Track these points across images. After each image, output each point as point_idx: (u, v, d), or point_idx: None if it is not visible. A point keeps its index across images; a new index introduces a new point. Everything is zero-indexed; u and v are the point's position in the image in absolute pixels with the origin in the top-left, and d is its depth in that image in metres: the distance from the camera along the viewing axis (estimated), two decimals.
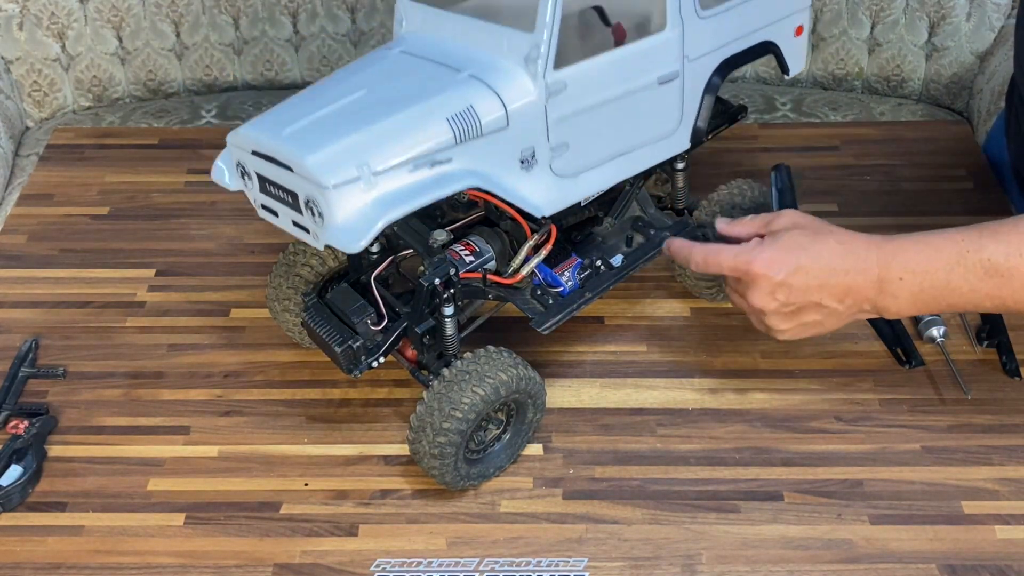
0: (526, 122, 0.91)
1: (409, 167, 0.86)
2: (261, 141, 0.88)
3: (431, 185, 0.87)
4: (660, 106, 1.01)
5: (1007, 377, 1.08)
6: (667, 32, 0.97)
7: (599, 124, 0.96)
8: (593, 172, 0.98)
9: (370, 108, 0.89)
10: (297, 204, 0.87)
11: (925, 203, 1.30)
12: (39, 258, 1.23)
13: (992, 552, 0.92)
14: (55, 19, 1.57)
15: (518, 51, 0.90)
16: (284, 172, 0.87)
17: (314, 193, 0.85)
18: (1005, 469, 0.99)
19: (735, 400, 1.06)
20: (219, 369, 1.10)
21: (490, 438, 0.98)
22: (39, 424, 1.02)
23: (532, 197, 0.94)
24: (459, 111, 0.88)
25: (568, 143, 0.94)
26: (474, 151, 0.89)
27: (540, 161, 0.93)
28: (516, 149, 0.92)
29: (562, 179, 0.96)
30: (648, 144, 1.02)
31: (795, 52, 1.12)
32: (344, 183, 0.83)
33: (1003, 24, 1.55)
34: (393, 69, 0.94)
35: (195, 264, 1.22)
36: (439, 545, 0.94)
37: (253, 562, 0.92)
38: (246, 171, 0.92)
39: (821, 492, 0.97)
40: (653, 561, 0.92)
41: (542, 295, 0.99)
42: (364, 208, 0.84)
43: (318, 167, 0.83)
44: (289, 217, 0.90)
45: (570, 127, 0.94)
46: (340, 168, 0.83)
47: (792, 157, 1.35)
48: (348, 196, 0.84)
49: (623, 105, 0.97)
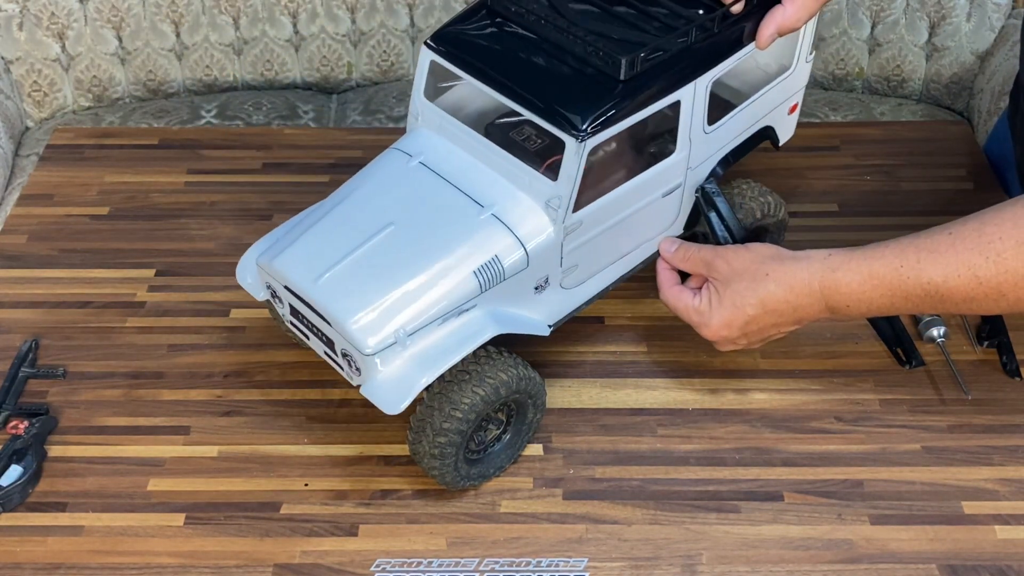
0: (543, 258, 0.94)
1: (439, 321, 0.90)
2: (295, 283, 0.91)
3: (459, 341, 0.90)
4: (662, 213, 1.03)
5: (1007, 377, 1.08)
6: (676, 155, 0.99)
7: (607, 240, 0.99)
8: (595, 278, 1.01)
9: (400, 254, 0.91)
10: (332, 348, 0.92)
11: (925, 203, 1.30)
12: (39, 258, 1.23)
13: (992, 552, 0.92)
14: (55, 19, 1.57)
15: (540, 194, 0.92)
16: (320, 320, 0.91)
17: (352, 352, 0.89)
18: (1005, 469, 0.99)
19: (735, 400, 1.06)
20: (219, 369, 1.10)
21: (490, 438, 0.98)
22: (39, 424, 1.02)
23: (540, 317, 0.98)
24: (485, 262, 0.91)
25: (578, 263, 0.97)
26: (496, 293, 0.92)
27: (552, 284, 0.96)
28: (532, 280, 0.95)
29: (566, 291, 0.99)
30: (647, 242, 1.04)
31: (786, 126, 1.15)
32: (383, 347, 0.87)
33: (1003, 24, 1.55)
34: (416, 191, 0.96)
35: (195, 264, 1.22)
36: (439, 545, 0.94)
37: (253, 562, 0.92)
38: (276, 294, 0.95)
39: (821, 492, 0.97)
40: (653, 561, 0.92)
41: None
42: (402, 372, 0.89)
43: (359, 332, 0.87)
44: (321, 348, 0.94)
45: (581, 251, 0.96)
46: (379, 333, 0.87)
47: (792, 157, 1.35)
48: (386, 359, 0.88)
49: (629, 221, 0.99)
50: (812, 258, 0.93)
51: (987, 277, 0.86)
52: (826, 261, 0.92)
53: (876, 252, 0.91)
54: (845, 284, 0.91)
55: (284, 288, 0.93)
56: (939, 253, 0.88)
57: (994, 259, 0.85)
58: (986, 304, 0.88)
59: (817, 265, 0.92)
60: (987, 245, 0.85)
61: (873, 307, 0.92)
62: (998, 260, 0.85)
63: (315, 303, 0.90)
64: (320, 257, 0.91)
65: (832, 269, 0.92)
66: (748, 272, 0.95)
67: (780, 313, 0.94)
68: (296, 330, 0.97)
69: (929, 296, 0.88)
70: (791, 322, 0.96)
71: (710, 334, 0.98)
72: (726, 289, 0.95)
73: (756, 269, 0.94)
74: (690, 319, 0.99)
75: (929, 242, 0.89)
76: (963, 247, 0.87)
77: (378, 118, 1.60)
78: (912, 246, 0.89)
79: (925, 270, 0.88)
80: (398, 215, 0.93)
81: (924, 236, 0.90)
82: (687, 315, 0.99)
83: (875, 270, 0.90)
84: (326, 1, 1.60)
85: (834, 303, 0.92)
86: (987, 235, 0.86)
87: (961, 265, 0.86)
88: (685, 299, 0.99)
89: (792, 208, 1.18)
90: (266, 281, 0.97)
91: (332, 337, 0.91)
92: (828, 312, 0.93)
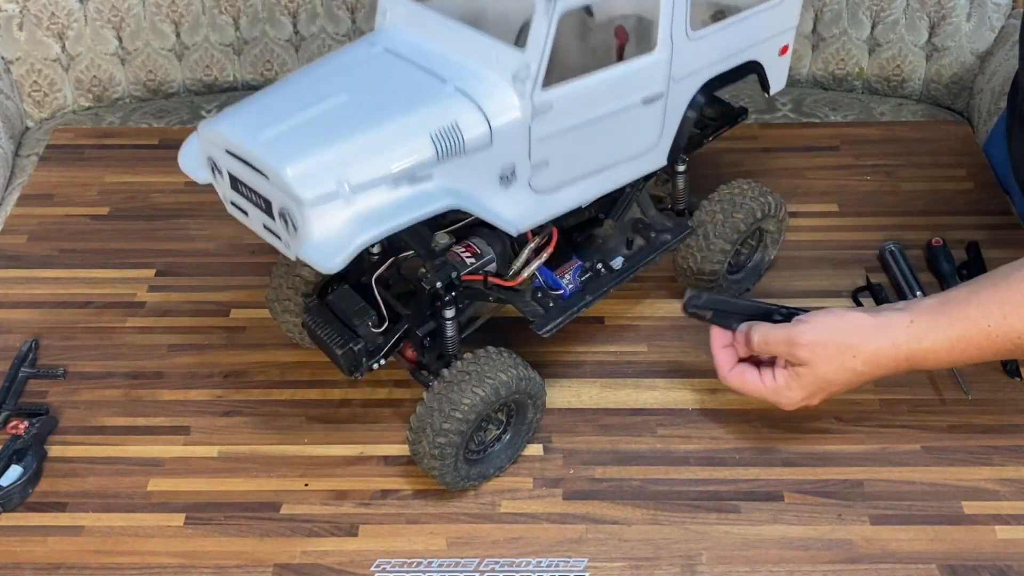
0: (509, 140, 0.89)
1: (389, 183, 0.84)
2: (236, 142, 0.85)
3: (409, 204, 0.84)
4: (642, 125, 0.99)
5: (1007, 377, 1.08)
6: (657, 54, 0.95)
7: (581, 142, 0.94)
8: (570, 188, 0.97)
9: (352, 116, 0.86)
10: (270, 211, 0.85)
11: (925, 203, 1.30)
12: (39, 258, 1.23)
13: (992, 552, 0.92)
14: (55, 19, 1.56)
15: (507, 67, 0.88)
16: (258, 177, 0.84)
17: (289, 205, 0.82)
18: (1005, 469, 0.99)
19: (735, 400, 1.06)
20: (219, 369, 1.10)
21: (490, 438, 0.98)
22: (39, 424, 1.02)
23: (507, 213, 0.92)
24: (443, 127, 0.86)
25: (549, 160, 0.93)
26: (455, 168, 0.87)
27: (519, 178, 0.92)
28: (497, 166, 0.90)
29: (538, 195, 0.94)
30: (626, 161, 1.01)
31: (777, 71, 1.11)
32: (322, 199, 0.81)
33: (1003, 24, 1.55)
34: (376, 71, 0.92)
35: (195, 264, 1.22)
36: (439, 545, 0.94)
37: (253, 562, 0.92)
38: (217, 167, 0.89)
39: (821, 492, 0.97)
40: (653, 561, 0.92)
41: (543, 297, 0.99)
42: (340, 227, 0.82)
43: (296, 180, 0.80)
44: (260, 220, 0.88)
45: (552, 145, 0.92)
46: (318, 183, 0.81)
47: (792, 157, 1.36)
48: (325, 213, 0.81)
49: (606, 124, 0.95)
50: (894, 327, 0.91)
51: None
52: (909, 330, 0.90)
53: (959, 312, 0.89)
54: (933, 353, 0.90)
55: (225, 154, 0.86)
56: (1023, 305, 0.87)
57: None
58: None
59: (902, 336, 0.90)
60: None
61: (959, 363, 0.92)
62: None
63: (254, 159, 0.83)
64: (264, 118, 0.86)
65: (918, 340, 0.90)
66: (833, 358, 0.92)
67: (864, 383, 0.94)
68: (237, 209, 0.90)
69: (1019, 348, 0.88)
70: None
71: (789, 407, 0.96)
72: (810, 371, 0.93)
73: (843, 353, 0.91)
74: (764, 399, 0.96)
75: (1011, 294, 0.88)
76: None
77: None
78: (995, 300, 0.88)
79: (1014, 325, 0.87)
80: (355, 88, 0.89)
81: (1003, 286, 0.88)
82: (760, 396, 0.96)
83: (962, 333, 0.89)
84: (326, 1, 1.60)
85: (918, 367, 0.92)
86: None
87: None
88: (752, 380, 0.96)
89: (792, 208, 1.18)
90: (208, 154, 0.89)
91: (270, 197, 0.84)
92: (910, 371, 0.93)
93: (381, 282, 1.00)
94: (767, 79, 1.09)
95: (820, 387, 0.94)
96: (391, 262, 1.01)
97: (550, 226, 1.00)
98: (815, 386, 0.94)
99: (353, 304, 0.98)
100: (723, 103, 1.16)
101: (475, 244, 1.00)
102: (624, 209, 1.07)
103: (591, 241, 1.06)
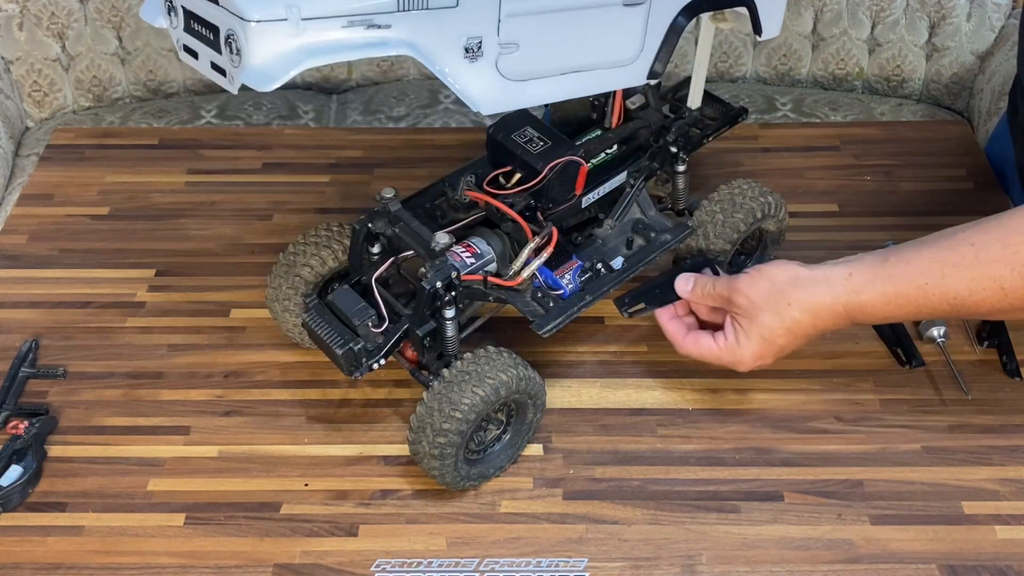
0: (477, 6, 0.86)
1: (343, 22, 0.81)
2: None
3: (361, 45, 0.82)
4: (621, 30, 0.97)
5: (1007, 377, 1.08)
6: None
7: (555, 31, 0.92)
8: (542, 82, 0.95)
9: None
10: (217, 42, 0.83)
11: (925, 203, 1.30)
12: (39, 258, 1.23)
13: (992, 552, 0.92)
14: (55, 19, 1.57)
15: None
16: (209, 5, 0.82)
17: (235, 27, 0.80)
18: (1005, 469, 0.99)
19: (735, 400, 1.06)
20: (219, 369, 1.10)
21: (490, 438, 0.98)
22: (39, 424, 1.02)
23: (472, 90, 0.90)
24: None
25: (519, 43, 0.91)
26: (416, 23, 0.84)
27: (487, 55, 0.89)
28: (462, 34, 0.87)
29: (508, 81, 0.92)
30: (603, 68, 0.98)
31: (771, 13, 1.06)
32: (268, 20, 0.79)
33: (1003, 24, 1.55)
34: None
35: (195, 264, 1.22)
36: (439, 545, 0.94)
37: (253, 562, 0.92)
38: (173, 6, 0.87)
39: (821, 492, 0.97)
40: (653, 561, 0.92)
41: (543, 297, 0.99)
42: (285, 51, 0.80)
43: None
44: (208, 58, 0.86)
45: (523, 26, 0.90)
46: (266, 5, 0.79)
47: (792, 157, 1.36)
48: (270, 35, 0.79)
49: (582, 18, 0.93)
50: (832, 280, 0.91)
51: (1012, 288, 0.85)
52: (848, 283, 0.91)
53: (898, 270, 0.89)
54: (871, 306, 0.90)
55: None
56: (963, 267, 0.86)
57: (1020, 270, 0.84)
58: (1012, 313, 0.87)
59: (839, 288, 0.91)
60: (1012, 256, 0.84)
61: (897, 320, 0.92)
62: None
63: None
64: None
65: (856, 292, 0.90)
66: (769, 304, 0.93)
67: (808, 336, 0.94)
68: (188, 54, 0.89)
69: (955, 309, 0.88)
70: (817, 339, 0.95)
71: (745, 368, 0.96)
72: (751, 323, 0.94)
73: (777, 300, 0.93)
74: (721, 362, 0.97)
75: (952, 255, 0.87)
76: (987, 259, 0.86)
77: (378, 118, 1.60)
78: (935, 261, 0.88)
79: (951, 286, 0.87)
80: None
81: (946, 248, 0.88)
82: (716, 359, 0.97)
83: (900, 290, 0.89)
84: None
85: (859, 320, 0.92)
86: (1012, 246, 0.85)
87: (986, 278, 0.86)
88: (706, 344, 0.97)
89: (792, 208, 1.18)
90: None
91: (218, 24, 0.82)
92: (851, 324, 0.93)
93: (381, 282, 1.00)
94: (759, 19, 1.05)
95: (765, 338, 0.93)
96: (391, 262, 1.01)
97: (550, 226, 1.00)
98: (760, 337, 0.94)
99: (353, 304, 0.98)
100: (723, 103, 1.16)
101: (475, 244, 1.00)
102: (624, 209, 1.07)
103: (591, 241, 1.06)
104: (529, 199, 1.00)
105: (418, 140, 1.44)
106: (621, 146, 1.07)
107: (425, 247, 0.95)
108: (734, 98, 1.33)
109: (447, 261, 0.95)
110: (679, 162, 1.10)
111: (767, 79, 1.65)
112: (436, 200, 1.05)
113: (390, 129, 1.54)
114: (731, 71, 1.64)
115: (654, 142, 1.09)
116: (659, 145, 1.08)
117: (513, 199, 1.00)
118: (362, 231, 1.00)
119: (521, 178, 1.00)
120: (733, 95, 1.55)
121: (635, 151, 1.09)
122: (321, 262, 1.04)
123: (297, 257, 1.05)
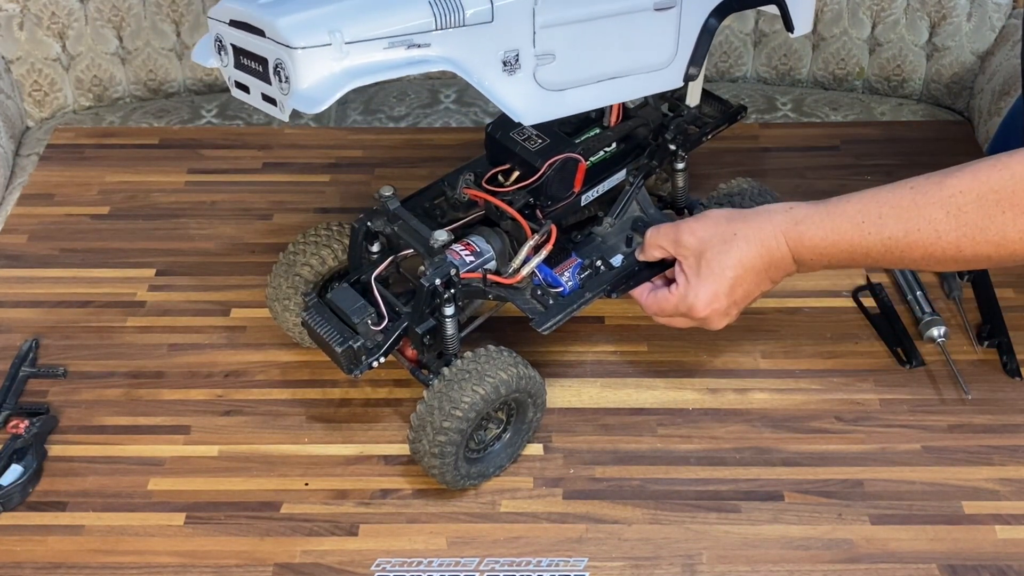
0: (512, 20, 0.88)
1: (384, 44, 0.84)
2: (238, 9, 0.87)
3: (403, 64, 0.85)
4: (654, 34, 0.98)
5: (1007, 377, 1.08)
6: None
7: (589, 40, 0.94)
8: (580, 90, 0.96)
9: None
10: (267, 73, 0.86)
11: None
12: (39, 258, 1.23)
13: (992, 552, 0.92)
14: (55, 19, 1.57)
15: None
16: (257, 39, 0.85)
17: (283, 56, 0.83)
18: (1005, 469, 0.99)
19: (735, 400, 1.06)
20: (219, 369, 1.10)
21: (490, 437, 0.98)
22: (39, 424, 1.02)
23: (513, 102, 0.92)
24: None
25: (554, 53, 0.92)
26: (455, 41, 0.86)
27: (524, 67, 0.91)
28: (499, 48, 0.89)
29: (546, 91, 0.94)
30: (640, 73, 1.00)
31: (802, 8, 1.07)
32: (313, 47, 0.82)
33: (1004, 24, 1.55)
34: None
35: (195, 264, 1.22)
36: (439, 545, 0.94)
37: (253, 562, 0.92)
38: (223, 46, 0.90)
39: (821, 492, 0.97)
40: (653, 561, 0.92)
41: (542, 295, 0.99)
42: (331, 74, 0.83)
43: (288, 28, 0.82)
44: (259, 90, 0.88)
45: (558, 37, 0.92)
46: (310, 31, 0.82)
47: (792, 157, 1.36)
48: (316, 60, 0.83)
49: (615, 25, 0.95)
50: (773, 211, 0.93)
51: (946, 231, 0.85)
52: (789, 213, 0.92)
53: (839, 207, 0.90)
54: (809, 237, 0.91)
55: (229, 26, 0.88)
56: (901, 208, 0.87)
57: (955, 213, 0.85)
58: (944, 261, 0.87)
59: (780, 217, 0.92)
60: (948, 199, 0.85)
61: (834, 261, 0.92)
62: (958, 214, 0.85)
63: (252, 18, 0.85)
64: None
65: (796, 222, 0.91)
66: (716, 237, 0.94)
67: (757, 270, 0.94)
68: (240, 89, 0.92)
69: (889, 252, 0.88)
70: (767, 280, 0.95)
71: (701, 311, 0.95)
72: (700, 261, 0.94)
73: (723, 232, 0.94)
74: (679, 311, 0.97)
75: (891, 196, 0.88)
76: (924, 201, 0.86)
77: (378, 118, 1.60)
78: (875, 202, 0.89)
79: (887, 225, 0.88)
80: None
81: (886, 190, 0.89)
82: (674, 307, 0.97)
83: (838, 224, 0.90)
84: None
85: (799, 255, 0.92)
86: (948, 188, 0.85)
87: (922, 220, 0.86)
88: (663, 295, 0.97)
89: None
90: (216, 35, 0.91)
91: (267, 55, 0.85)
92: (795, 266, 0.93)
93: (380, 280, 1.00)
94: (790, 16, 1.06)
95: (715, 273, 0.93)
96: (391, 260, 1.01)
97: (549, 223, 1.00)
98: (711, 274, 0.94)
99: (352, 302, 0.98)
100: (721, 101, 1.16)
101: (474, 243, 1.00)
102: (624, 207, 1.07)
103: (591, 239, 1.06)
104: (528, 197, 1.00)
105: (418, 140, 1.44)
106: (620, 144, 1.07)
107: (424, 245, 0.95)
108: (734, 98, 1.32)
109: (446, 259, 0.95)
110: (678, 160, 1.10)
111: (767, 79, 1.65)
112: (435, 199, 1.05)
113: (390, 129, 1.54)
114: (731, 71, 1.64)
115: (653, 140, 1.09)
116: (658, 143, 1.09)
117: (512, 197, 1.00)
118: (361, 229, 1.00)
119: (520, 176, 1.00)
120: (733, 95, 1.55)
121: (634, 149, 1.09)
122: (321, 261, 1.04)
123: (297, 256, 1.05)
